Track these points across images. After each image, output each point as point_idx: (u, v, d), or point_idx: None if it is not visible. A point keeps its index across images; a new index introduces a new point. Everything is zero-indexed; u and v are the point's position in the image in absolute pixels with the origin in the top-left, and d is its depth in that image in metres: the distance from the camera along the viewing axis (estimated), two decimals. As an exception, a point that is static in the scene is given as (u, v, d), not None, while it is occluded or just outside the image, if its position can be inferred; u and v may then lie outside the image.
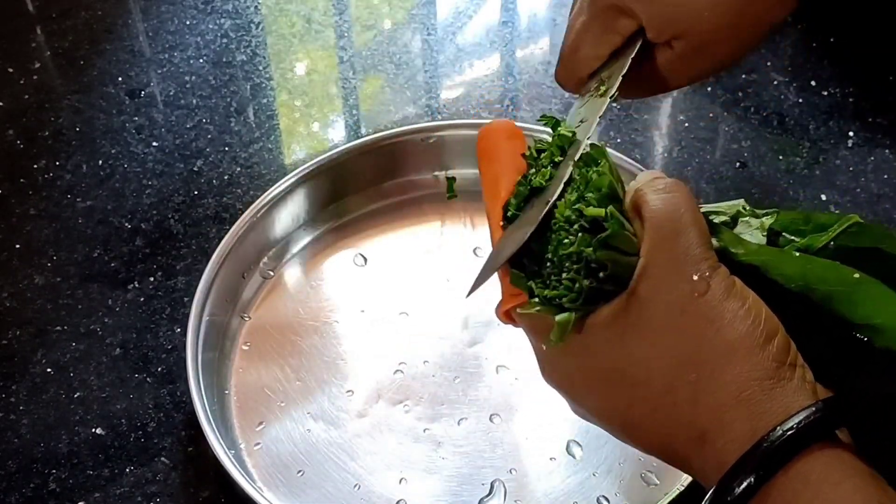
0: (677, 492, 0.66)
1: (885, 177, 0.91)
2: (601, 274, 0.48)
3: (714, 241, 0.49)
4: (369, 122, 1.02)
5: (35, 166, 0.96)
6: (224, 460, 0.67)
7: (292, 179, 0.85)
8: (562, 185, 0.52)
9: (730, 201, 0.54)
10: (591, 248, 0.47)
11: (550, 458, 0.72)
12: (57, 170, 0.95)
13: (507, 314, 0.53)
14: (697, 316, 0.46)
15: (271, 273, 0.85)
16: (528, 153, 0.56)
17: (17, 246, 0.89)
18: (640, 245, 0.48)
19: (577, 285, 0.48)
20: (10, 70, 1.06)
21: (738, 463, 0.44)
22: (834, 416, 0.44)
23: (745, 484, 0.43)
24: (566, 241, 0.49)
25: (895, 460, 0.45)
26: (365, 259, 0.86)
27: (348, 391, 0.77)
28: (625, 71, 0.58)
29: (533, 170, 0.55)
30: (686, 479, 0.67)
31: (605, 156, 0.51)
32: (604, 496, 0.70)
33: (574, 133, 0.56)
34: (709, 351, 0.45)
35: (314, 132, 1.02)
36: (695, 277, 0.46)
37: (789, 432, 0.43)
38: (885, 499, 0.43)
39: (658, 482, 0.70)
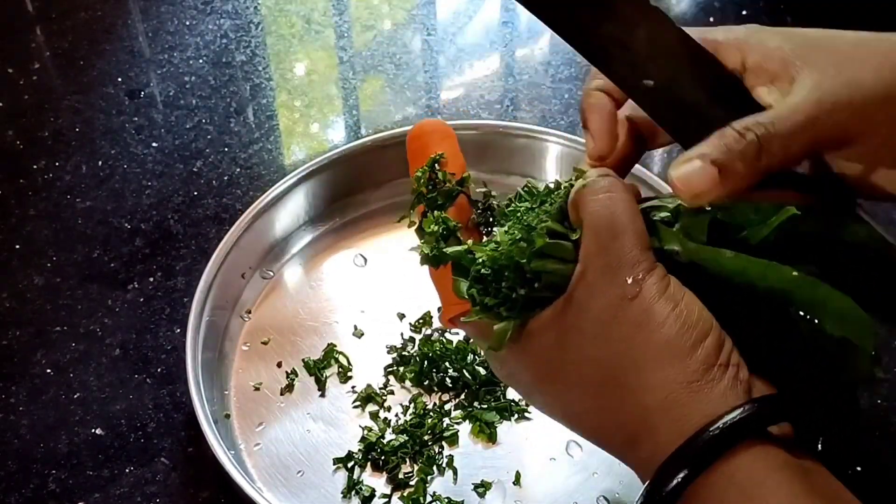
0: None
1: (885, 177, 0.91)
2: (536, 284, 0.49)
3: (655, 241, 0.49)
4: (369, 123, 1.02)
5: (35, 167, 0.96)
6: (224, 460, 0.67)
7: (292, 180, 0.85)
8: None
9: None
10: (525, 259, 0.49)
11: (550, 458, 0.72)
12: (57, 170, 0.95)
13: (451, 321, 0.56)
14: (627, 321, 0.46)
15: (271, 273, 0.85)
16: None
17: (17, 246, 0.89)
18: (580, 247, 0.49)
19: (514, 294, 0.49)
20: (10, 70, 1.06)
21: (666, 462, 0.45)
22: (764, 415, 0.44)
23: (673, 482, 0.44)
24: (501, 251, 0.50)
25: (837, 450, 0.46)
26: (365, 259, 0.86)
27: (348, 391, 0.77)
28: None
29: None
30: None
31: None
32: (604, 496, 0.70)
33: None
34: (637, 356, 0.46)
35: (314, 132, 1.02)
36: (628, 281, 0.46)
37: (714, 432, 0.44)
38: (811, 490, 0.43)
39: (658, 482, 0.70)
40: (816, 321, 0.47)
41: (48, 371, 0.79)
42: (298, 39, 1.11)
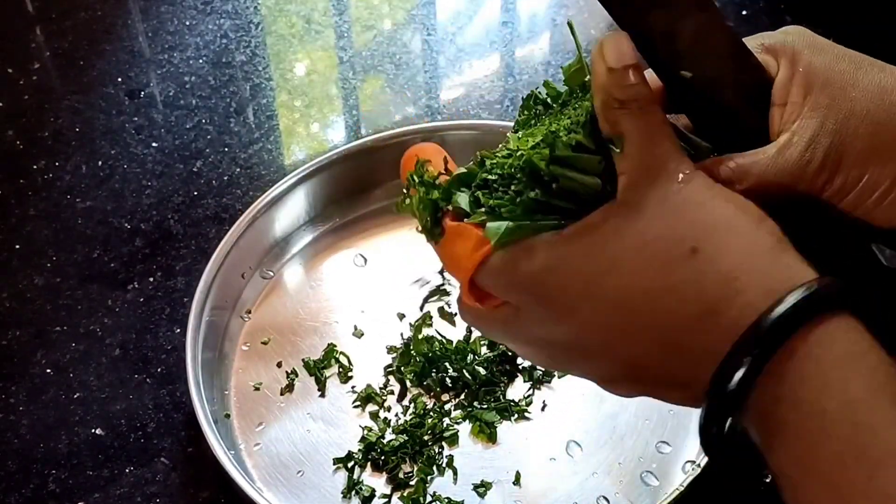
0: (677, 492, 0.66)
1: (885, 177, 0.91)
2: (553, 186, 0.46)
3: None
4: (369, 123, 1.02)
5: (35, 167, 0.96)
6: (224, 460, 0.67)
7: (292, 180, 0.85)
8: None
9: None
10: (543, 162, 0.46)
11: (550, 458, 0.72)
12: (57, 170, 0.95)
13: (471, 292, 0.51)
14: (688, 200, 0.45)
15: (271, 273, 0.85)
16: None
17: (17, 246, 0.89)
18: (618, 161, 0.47)
19: (523, 197, 0.47)
20: (10, 70, 1.06)
21: (747, 332, 0.42)
22: (845, 288, 0.42)
23: (774, 335, 0.41)
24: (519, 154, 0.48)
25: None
26: (365, 259, 0.86)
27: (348, 391, 0.77)
28: None
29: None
30: (686, 479, 0.67)
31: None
32: (604, 496, 0.70)
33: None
34: (707, 227, 0.45)
35: (314, 132, 1.02)
36: (679, 176, 0.46)
37: (807, 292, 0.41)
38: None
39: (658, 482, 0.70)
40: None
41: (48, 371, 0.79)
42: (298, 39, 1.11)
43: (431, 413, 0.74)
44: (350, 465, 0.72)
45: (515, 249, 0.48)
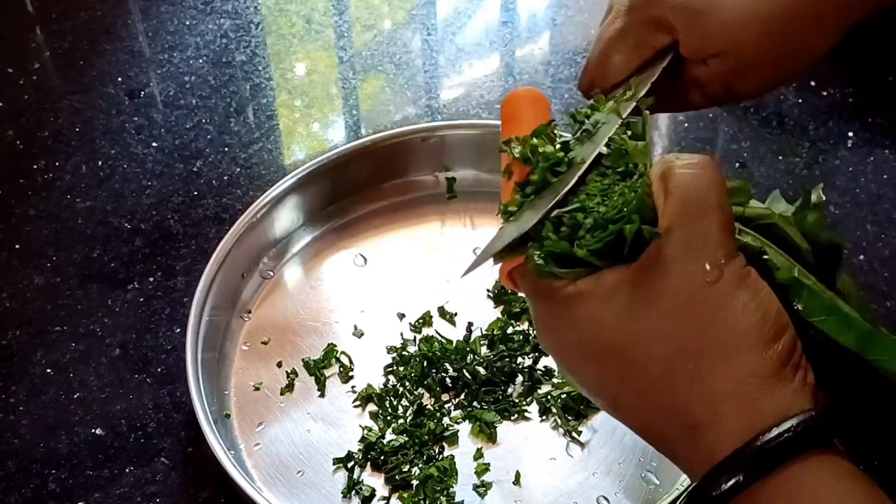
0: (677, 492, 0.67)
1: (885, 177, 0.91)
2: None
3: (748, 239, 0.49)
4: (369, 122, 1.02)
5: (35, 166, 0.96)
6: (224, 460, 0.67)
7: (292, 179, 0.85)
8: (577, 176, 0.51)
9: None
10: (630, 234, 0.46)
11: (550, 458, 0.72)
12: (57, 170, 0.95)
13: (509, 275, 0.53)
14: (706, 303, 0.44)
15: (271, 273, 0.85)
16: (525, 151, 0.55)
17: (17, 246, 0.89)
18: (659, 218, 0.46)
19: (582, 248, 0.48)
20: (10, 70, 1.06)
21: (728, 458, 0.43)
22: (833, 423, 0.43)
23: (732, 481, 0.43)
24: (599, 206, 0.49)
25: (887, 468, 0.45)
26: (365, 259, 0.86)
27: (348, 391, 0.77)
28: (655, 78, 0.57)
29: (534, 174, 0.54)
30: (686, 479, 0.67)
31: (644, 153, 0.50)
32: (604, 496, 0.70)
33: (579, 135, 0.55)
34: (713, 340, 0.44)
35: (314, 132, 1.02)
36: (709, 263, 0.45)
37: (787, 434, 0.42)
38: (880, 501, 0.43)
39: (658, 482, 0.70)
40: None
41: (48, 371, 0.79)
42: (298, 39, 1.11)
43: (431, 413, 0.74)
44: (350, 465, 0.72)
45: (544, 281, 0.49)
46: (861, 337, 0.47)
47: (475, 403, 0.75)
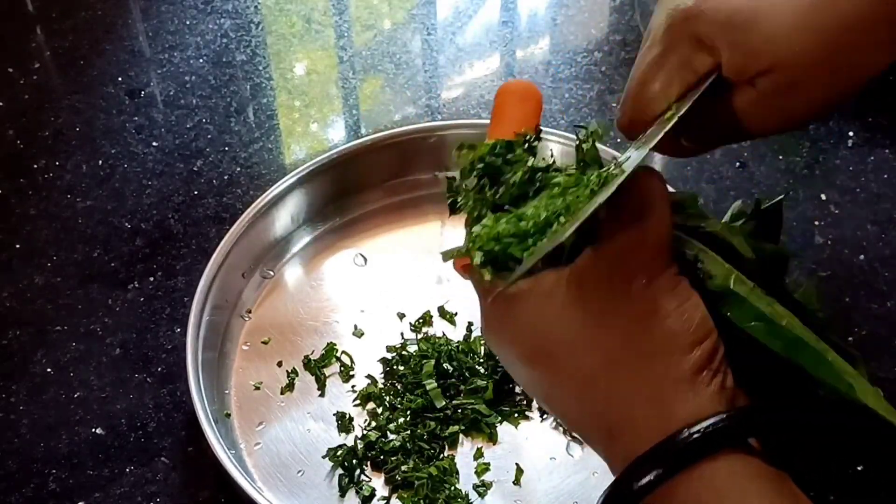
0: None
1: (885, 177, 0.91)
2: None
3: (688, 246, 0.50)
4: (369, 122, 1.02)
5: (35, 166, 0.96)
6: (224, 460, 0.67)
7: (292, 179, 0.85)
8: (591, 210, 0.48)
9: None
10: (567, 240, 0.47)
11: (550, 458, 0.72)
12: (57, 170, 0.95)
13: (464, 267, 0.54)
14: (631, 309, 0.46)
15: (271, 273, 0.85)
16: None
17: (17, 246, 0.89)
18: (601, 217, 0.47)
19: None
20: (10, 70, 1.06)
21: (642, 458, 0.45)
22: (747, 425, 0.45)
23: (645, 479, 0.44)
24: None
25: (803, 470, 0.46)
26: (365, 259, 0.86)
27: (348, 391, 0.77)
28: (697, 95, 0.51)
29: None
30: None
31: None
32: (604, 496, 0.70)
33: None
34: (634, 345, 0.46)
35: (314, 132, 1.02)
36: (639, 270, 0.46)
37: (696, 435, 0.44)
38: (790, 501, 0.44)
39: (658, 482, 0.70)
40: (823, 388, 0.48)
41: (48, 370, 0.79)
42: (298, 39, 1.11)
43: (431, 413, 0.74)
44: (350, 464, 0.72)
45: (490, 285, 0.50)
46: (787, 344, 0.48)
47: (475, 403, 0.75)
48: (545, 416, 0.74)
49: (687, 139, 0.54)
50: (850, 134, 0.95)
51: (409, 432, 0.73)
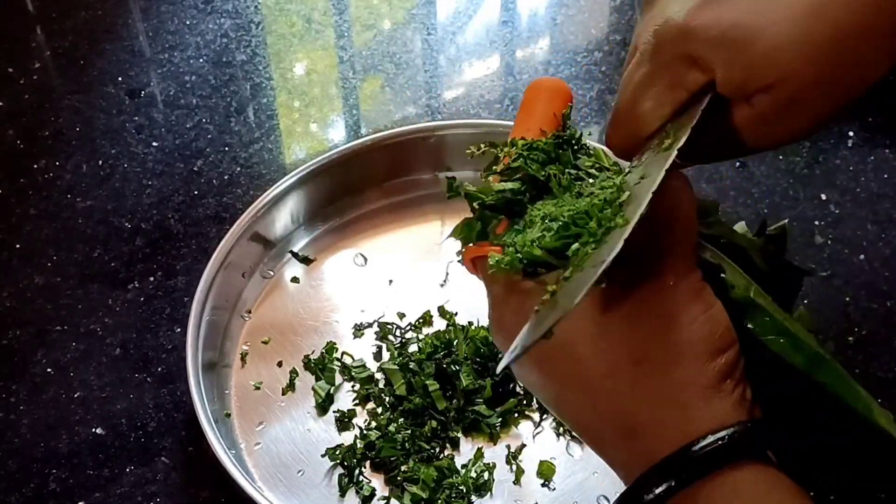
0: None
1: (885, 176, 0.92)
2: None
3: (709, 255, 0.50)
4: (369, 122, 1.02)
5: (35, 166, 0.96)
6: (224, 460, 0.67)
7: (292, 179, 0.85)
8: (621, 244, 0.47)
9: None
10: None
11: (550, 458, 0.72)
12: (57, 170, 0.95)
13: (472, 261, 0.53)
14: (659, 310, 0.46)
15: (271, 273, 0.85)
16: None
17: (17, 246, 0.89)
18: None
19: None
20: (10, 70, 1.06)
21: (662, 462, 0.44)
22: (765, 436, 0.45)
23: (664, 486, 0.44)
24: None
25: (816, 485, 0.46)
26: (365, 259, 0.86)
27: (348, 391, 0.77)
28: (695, 122, 0.49)
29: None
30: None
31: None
32: (604, 496, 0.70)
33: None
34: (660, 346, 0.46)
35: (314, 132, 1.02)
36: (667, 273, 0.46)
37: (719, 442, 0.44)
38: None
39: (658, 482, 0.70)
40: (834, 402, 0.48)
41: (48, 370, 0.79)
42: (298, 39, 1.11)
43: (431, 413, 0.74)
44: (350, 464, 0.72)
45: (508, 281, 0.49)
46: (809, 359, 0.48)
47: (475, 404, 0.75)
48: (545, 416, 0.74)
49: (680, 157, 0.51)
50: (850, 134, 0.96)
51: (409, 432, 0.73)
